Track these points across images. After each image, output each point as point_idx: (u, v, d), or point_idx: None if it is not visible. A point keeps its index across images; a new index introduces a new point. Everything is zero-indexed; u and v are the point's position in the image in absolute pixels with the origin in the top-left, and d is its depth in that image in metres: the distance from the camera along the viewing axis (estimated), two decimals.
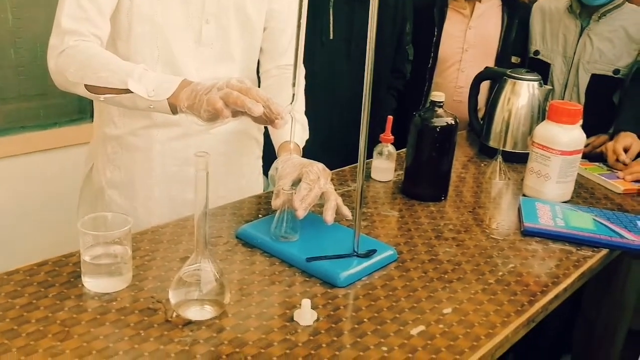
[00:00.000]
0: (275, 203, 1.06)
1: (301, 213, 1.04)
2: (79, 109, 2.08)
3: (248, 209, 1.22)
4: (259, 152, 1.43)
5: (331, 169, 1.49)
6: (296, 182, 1.09)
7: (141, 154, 1.24)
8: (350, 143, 1.67)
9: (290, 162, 1.11)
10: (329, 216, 1.06)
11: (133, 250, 0.97)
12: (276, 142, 1.24)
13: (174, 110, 1.03)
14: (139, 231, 1.09)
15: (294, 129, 1.04)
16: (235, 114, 0.96)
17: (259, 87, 1.32)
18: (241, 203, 1.25)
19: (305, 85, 1.33)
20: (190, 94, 0.98)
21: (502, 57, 1.92)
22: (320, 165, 1.10)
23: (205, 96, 0.95)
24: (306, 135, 1.30)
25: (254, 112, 0.92)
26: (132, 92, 1.02)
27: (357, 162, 0.99)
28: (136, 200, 1.26)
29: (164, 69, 1.15)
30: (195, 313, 0.85)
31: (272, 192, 1.10)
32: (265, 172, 1.35)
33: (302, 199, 1.05)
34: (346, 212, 1.09)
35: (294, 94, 1.03)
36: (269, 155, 1.30)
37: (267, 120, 0.97)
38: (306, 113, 1.32)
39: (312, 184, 1.06)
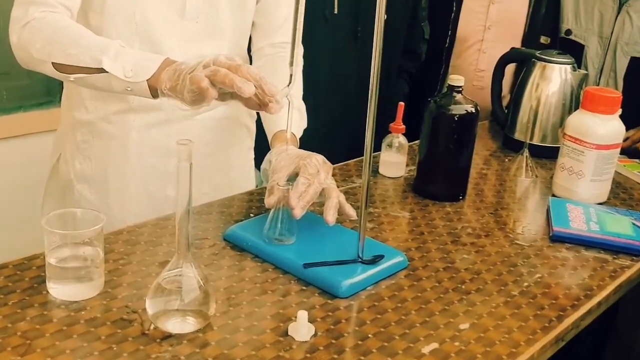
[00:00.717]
0: (269, 201, 1.06)
1: (298, 212, 1.04)
2: (46, 91, 2.07)
3: (237, 207, 1.22)
4: (250, 142, 1.42)
5: (333, 163, 1.48)
6: (292, 177, 1.09)
7: (115, 143, 1.23)
8: (355, 133, 1.67)
9: (285, 154, 1.11)
10: (330, 216, 1.05)
11: (106, 252, 0.97)
12: (269, 131, 1.23)
13: (154, 93, 1.02)
14: (113, 231, 1.09)
15: (291, 116, 1.03)
16: (224, 96, 0.95)
17: None
18: (230, 200, 1.25)
19: (304, 66, 1.32)
20: (173, 74, 0.98)
21: (529, 37, 1.92)
22: (320, 158, 1.10)
23: (189, 75, 0.95)
24: (304, 124, 1.29)
25: (245, 92, 0.91)
26: (106, 72, 1.02)
27: (362, 155, 0.99)
28: (109, 196, 1.25)
29: (143, 46, 1.15)
30: (175, 325, 0.85)
31: (265, 188, 1.10)
32: (258, 165, 1.34)
33: (299, 196, 1.04)
34: (350, 211, 1.09)
35: (291, 75, 1.02)
36: (262, 146, 1.30)
37: (259, 105, 0.97)
38: (304, 99, 1.31)
39: (311, 179, 1.06)
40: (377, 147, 1.38)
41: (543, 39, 1.93)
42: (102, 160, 1.24)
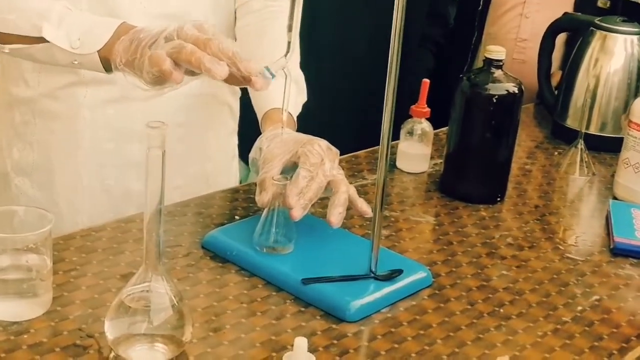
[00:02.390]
0: (261, 198, 1.06)
1: (298, 213, 1.04)
2: None
3: (219, 207, 1.22)
4: (232, 124, 1.43)
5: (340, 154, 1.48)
6: (289, 169, 1.09)
7: (63, 125, 1.24)
8: (365, 115, 1.67)
9: (279, 140, 1.12)
10: (334, 216, 1.06)
11: (54, 261, 0.96)
12: (260, 110, 1.24)
13: (107, 67, 1.03)
14: (63, 235, 1.09)
15: (288, 92, 1.04)
16: (192, 72, 0.96)
17: (233, 30, 1.33)
18: (209, 198, 1.25)
19: (301, 31, 1.32)
20: (129, 45, 0.98)
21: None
22: (324, 143, 1.10)
23: (148, 50, 0.96)
24: (303, 98, 1.30)
25: (215, 74, 0.93)
26: (48, 42, 1.02)
27: (376, 145, 0.99)
28: (56, 192, 1.26)
29: (93, 7, 1.15)
30: (141, 354, 0.85)
31: (254, 184, 1.11)
32: (243, 154, 1.35)
33: (299, 193, 1.05)
34: (364, 207, 1.10)
35: (289, 42, 1.02)
36: (248, 131, 1.30)
37: (241, 80, 0.97)
38: (303, 68, 1.31)
39: (313, 171, 1.06)
40: (394, 136, 1.38)
41: (601, 2, 1.94)
42: (46, 146, 1.25)
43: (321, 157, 1.08)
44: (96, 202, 1.25)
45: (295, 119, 1.25)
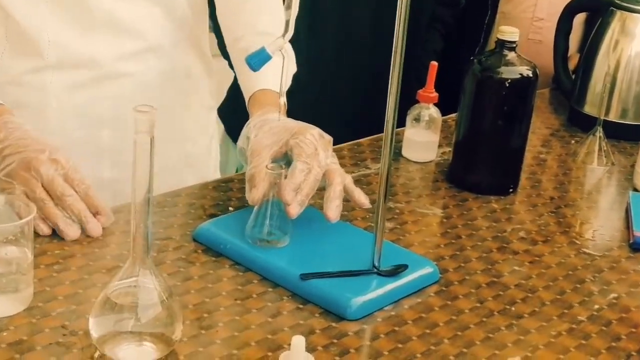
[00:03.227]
0: (252, 196, 1.06)
1: (295, 210, 1.04)
2: None
3: (213, 198, 1.22)
4: (210, 100, 1.43)
5: (339, 141, 1.48)
6: (279, 160, 1.09)
7: (30, 114, 1.23)
8: (368, 100, 1.66)
9: (268, 128, 1.11)
10: (331, 210, 1.06)
11: (35, 254, 0.97)
12: (247, 90, 1.24)
13: None
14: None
15: (285, 75, 1.04)
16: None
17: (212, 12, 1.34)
18: (202, 188, 1.25)
19: (302, 10, 1.32)
20: None
21: None
22: (316, 131, 1.10)
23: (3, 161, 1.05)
24: (293, 69, 1.29)
25: (66, 236, 1.06)
26: None
27: (380, 132, 0.99)
28: None
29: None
30: (128, 353, 0.85)
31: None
32: (233, 135, 1.34)
33: (296, 188, 1.05)
34: (361, 198, 1.10)
35: (287, 21, 1.02)
36: (236, 114, 1.30)
37: None
38: (298, 54, 1.31)
39: (310, 163, 1.06)
40: (400, 122, 1.38)
41: None
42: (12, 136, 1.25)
43: (315, 146, 1.08)
44: None
45: (284, 92, 1.24)
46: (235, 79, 1.36)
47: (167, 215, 1.16)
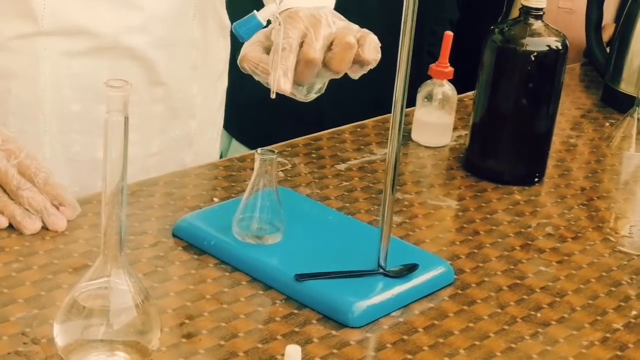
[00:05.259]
0: (285, 83, 1.04)
1: (286, 84, 1.03)
2: None
3: (195, 187, 1.22)
4: (222, 65, 1.44)
5: (343, 121, 1.48)
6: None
7: (20, 83, 1.25)
8: (373, 76, 1.66)
9: (294, 12, 1.08)
10: (339, 63, 1.05)
11: None
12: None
13: None
14: None
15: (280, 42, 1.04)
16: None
17: None
18: (182, 176, 1.25)
19: None
20: None
21: None
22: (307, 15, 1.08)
23: None
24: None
25: (24, 229, 1.06)
26: None
27: (387, 112, 0.99)
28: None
29: None
30: None
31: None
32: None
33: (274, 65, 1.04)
34: (369, 53, 1.07)
35: None
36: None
37: None
38: None
39: (292, 42, 1.04)
40: (409, 101, 1.38)
41: None
42: (3, 109, 1.26)
43: (303, 30, 1.06)
44: (60, 174, 1.25)
45: None
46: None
47: (142, 207, 1.16)
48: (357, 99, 1.68)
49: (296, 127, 1.48)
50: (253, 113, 1.83)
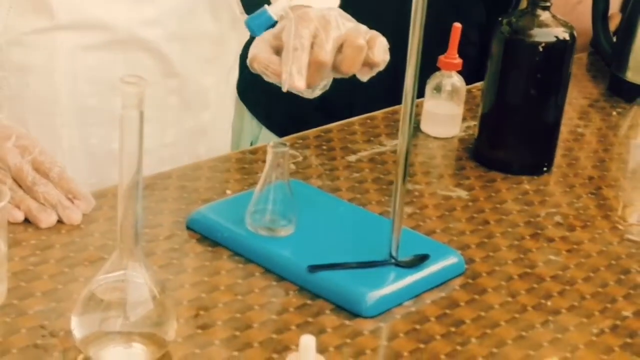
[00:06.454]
0: (296, 80, 1.05)
1: (299, 81, 1.04)
2: None
3: (208, 179, 1.23)
4: (233, 56, 1.45)
5: (350, 114, 1.48)
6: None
7: (37, 78, 1.25)
8: (385, 71, 1.65)
9: (305, 12, 1.09)
10: (351, 63, 1.05)
11: (9, 245, 0.96)
12: None
13: None
14: None
15: (292, 38, 1.05)
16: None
17: None
18: (196, 169, 1.25)
19: None
20: None
21: None
22: (319, 17, 1.08)
23: None
24: None
25: (40, 223, 1.07)
26: None
27: (396, 104, 0.99)
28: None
29: None
30: (116, 356, 0.86)
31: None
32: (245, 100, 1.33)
33: (289, 62, 1.04)
34: (378, 54, 1.08)
35: None
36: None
37: None
38: None
39: (304, 41, 1.05)
40: (419, 92, 1.38)
41: None
42: (18, 102, 1.27)
43: (314, 31, 1.06)
44: (78, 166, 1.26)
45: None
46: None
47: (156, 200, 1.16)
48: (366, 89, 1.68)
49: (326, 116, 1.49)
50: (283, 102, 1.83)
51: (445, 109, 1.44)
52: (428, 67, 1.35)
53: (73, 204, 1.09)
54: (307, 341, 0.84)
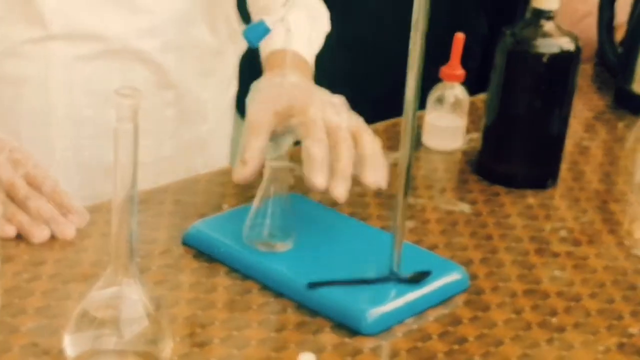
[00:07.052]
0: (240, 172, 1.08)
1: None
2: None
3: (205, 194, 1.23)
4: (231, 71, 1.46)
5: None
6: (278, 135, 1.11)
7: (30, 89, 1.26)
8: (379, 81, 1.66)
9: (275, 87, 1.13)
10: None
11: (2, 260, 0.97)
12: (262, 50, 1.27)
13: None
14: None
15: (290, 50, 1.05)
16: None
17: None
18: (192, 183, 1.26)
19: None
20: None
21: None
22: (327, 98, 1.12)
23: None
24: (321, 29, 1.33)
25: (34, 238, 1.06)
26: None
27: (397, 115, 0.99)
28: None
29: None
30: None
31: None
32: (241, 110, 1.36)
33: (320, 166, 1.05)
34: (369, 176, 1.10)
35: None
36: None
37: None
38: None
39: (323, 135, 1.06)
40: (420, 104, 1.38)
41: None
42: (10, 114, 1.27)
43: (322, 118, 1.08)
44: (70, 179, 1.27)
45: (313, 56, 1.27)
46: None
47: (152, 214, 1.16)
48: (366, 101, 1.68)
49: None
50: None
51: (448, 121, 1.43)
52: (430, 78, 1.36)
53: (66, 219, 1.08)
54: (307, 359, 0.84)
